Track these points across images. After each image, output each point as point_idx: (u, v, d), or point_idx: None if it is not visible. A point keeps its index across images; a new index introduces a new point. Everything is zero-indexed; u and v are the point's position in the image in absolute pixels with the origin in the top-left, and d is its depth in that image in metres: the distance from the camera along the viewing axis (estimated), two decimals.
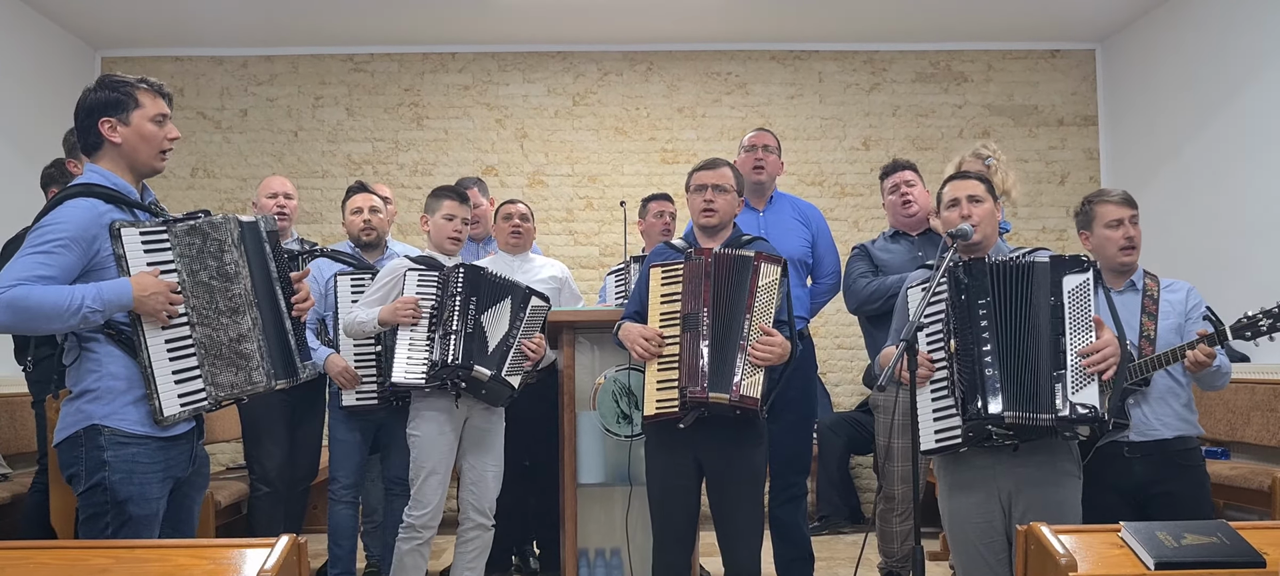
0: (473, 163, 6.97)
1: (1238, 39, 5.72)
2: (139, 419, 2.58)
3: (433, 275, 3.78)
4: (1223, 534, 2.30)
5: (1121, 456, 3.32)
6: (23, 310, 2.42)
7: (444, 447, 3.77)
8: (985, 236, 3.11)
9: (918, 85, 7.06)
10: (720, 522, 3.34)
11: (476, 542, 3.86)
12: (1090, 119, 7.05)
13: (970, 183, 3.16)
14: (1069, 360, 2.82)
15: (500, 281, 3.81)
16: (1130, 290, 3.42)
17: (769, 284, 3.23)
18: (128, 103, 2.67)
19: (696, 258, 3.31)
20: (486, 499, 3.86)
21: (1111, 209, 3.40)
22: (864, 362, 6.63)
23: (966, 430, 2.88)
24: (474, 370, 3.63)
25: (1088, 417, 2.77)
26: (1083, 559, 2.20)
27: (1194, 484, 3.33)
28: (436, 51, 7.01)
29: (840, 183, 7.03)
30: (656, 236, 4.69)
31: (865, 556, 4.70)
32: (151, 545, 2.28)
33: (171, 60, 6.94)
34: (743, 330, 3.20)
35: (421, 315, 3.72)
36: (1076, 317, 2.85)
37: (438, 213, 3.91)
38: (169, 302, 2.59)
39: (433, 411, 3.77)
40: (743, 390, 3.14)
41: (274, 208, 4.59)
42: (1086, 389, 2.78)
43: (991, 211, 3.12)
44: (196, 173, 6.89)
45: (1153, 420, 3.31)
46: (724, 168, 3.50)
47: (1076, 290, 2.87)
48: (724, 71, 7.05)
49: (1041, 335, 2.86)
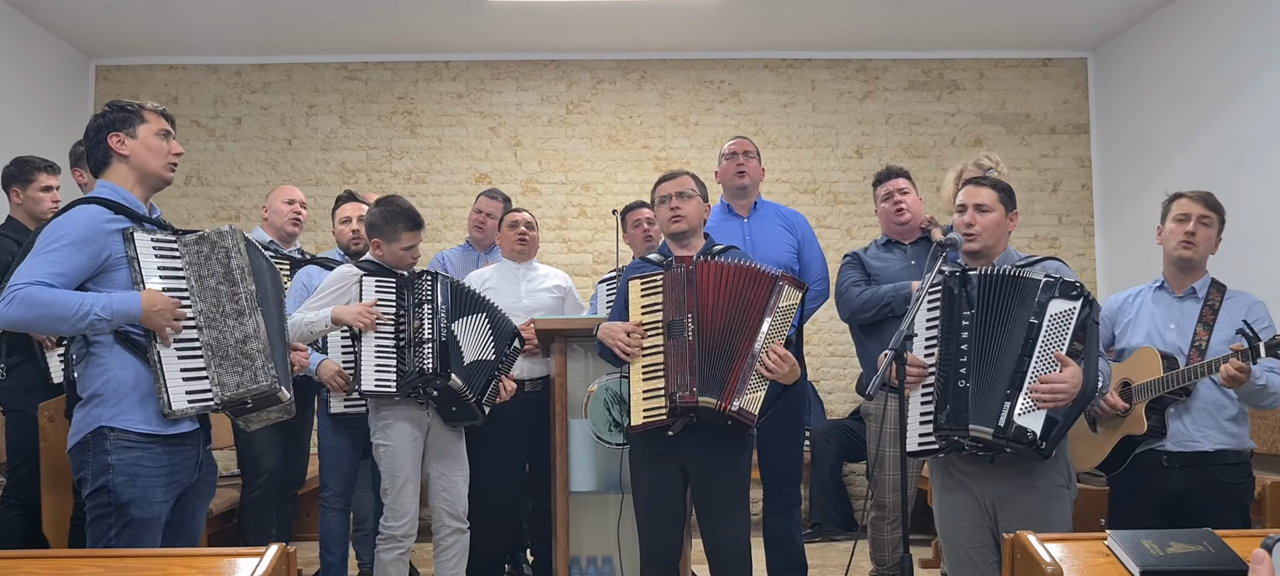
0: (466, 171, 6.98)
1: (1230, 47, 5.74)
2: (144, 419, 2.68)
3: (390, 281, 3.77)
4: (1208, 542, 2.30)
5: (1160, 466, 3.31)
6: (37, 307, 2.57)
7: (416, 454, 3.81)
8: (987, 246, 3.08)
9: (910, 93, 7.08)
10: (707, 531, 3.36)
11: (456, 547, 3.89)
12: (1082, 127, 7.08)
13: (981, 191, 3.11)
14: (1027, 382, 2.79)
15: (472, 295, 3.85)
16: (1191, 298, 3.41)
17: (789, 307, 3.24)
18: (134, 119, 2.83)
19: (677, 266, 3.33)
20: (460, 503, 3.89)
21: (1184, 204, 3.40)
22: (856, 370, 6.64)
23: (937, 437, 2.90)
24: (451, 380, 3.66)
25: (1021, 439, 2.77)
26: (1069, 567, 2.21)
27: (1231, 498, 3.29)
28: (430, 60, 7.02)
29: (833, 191, 7.05)
30: (640, 244, 4.70)
31: (857, 564, 4.71)
32: (142, 554, 2.28)
33: (166, 68, 6.95)
34: (753, 343, 3.20)
35: (382, 320, 3.71)
36: (1049, 343, 2.80)
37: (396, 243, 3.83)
38: (175, 319, 2.70)
39: (401, 421, 3.78)
40: (744, 404, 3.16)
41: (290, 213, 4.63)
42: (1032, 414, 2.77)
43: (999, 221, 3.08)
44: (191, 181, 6.89)
45: (1192, 431, 3.29)
46: (683, 176, 3.54)
47: (1059, 316, 2.81)
48: (717, 79, 7.07)
49: (1010, 350, 2.84)
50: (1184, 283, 3.40)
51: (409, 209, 3.85)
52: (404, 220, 3.81)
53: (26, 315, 2.58)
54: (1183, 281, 3.40)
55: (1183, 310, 3.36)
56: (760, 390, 3.18)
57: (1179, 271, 3.41)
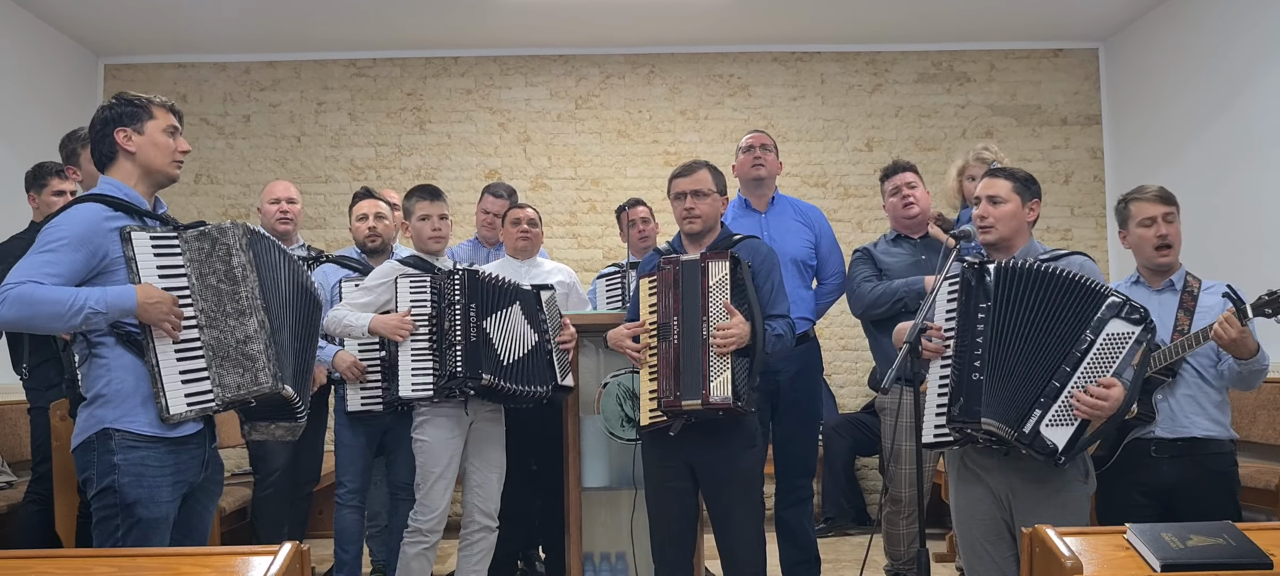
0: (475, 167, 6.97)
1: (1241, 37, 5.70)
2: (149, 420, 2.64)
3: (424, 280, 3.75)
4: (1229, 535, 2.28)
5: (1149, 456, 3.28)
6: (29, 305, 2.52)
7: (452, 452, 3.77)
8: (1004, 237, 3.04)
9: (920, 86, 7.05)
10: (718, 526, 3.36)
11: (481, 544, 3.86)
12: (1094, 118, 7.04)
13: (996, 182, 3.07)
14: (1064, 395, 2.76)
15: (501, 285, 3.78)
16: (1169, 290, 3.38)
17: (719, 282, 3.24)
18: (142, 114, 2.78)
19: (665, 266, 3.33)
20: (491, 501, 3.86)
21: (1145, 206, 3.35)
22: (869, 364, 6.62)
23: (949, 428, 2.87)
24: (483, 379, 3.62)
25: (1042, 449, 2.75)
26: (1088, 560, 2.19)
27: (1222, 488, 3.28)
28: (438, 56, 7.01)
29: (843, 184, 7.02)
30: (635, 242, 4.67)
31: (871, 558, 4.69)
32: (154, 553, 2.28)
33: (174, 66, 6.95)
34: (703, 332, 3.22)
35: (415, 330, 3.69)
36: (1100, 362, 2.75)
37: (413, 216, 3.90)
38: (174, 315, 2.66)
39: (440, 417, 3.76)
40: (712, 395, 3.16)
41: (277, 213, 4.58)
42: (1061, 428, 2.74)
43: (1015, 212, 3.04)
44: (200, 179, 6.90)
45: (1181, 417, 3.27)
46: (701, 171, 3.50)
47: (1115, 337, 2.76)
48: (726, 73, 7.05)
49: (1045, 353, 2.79)
50: (1160, 278, 3.39)
51: (424, 185, 3.97)
52: (417, 193, 3.92)
53: (20, 314, 2.53)
54: (1159, 278, 3.39)
55: (1161, 302, 3.34)
56: (724, 371, 3.18)
57: (1154, 271, 3.39)
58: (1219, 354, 3.27)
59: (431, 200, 3.89)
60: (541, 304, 3.83)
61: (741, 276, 3.29)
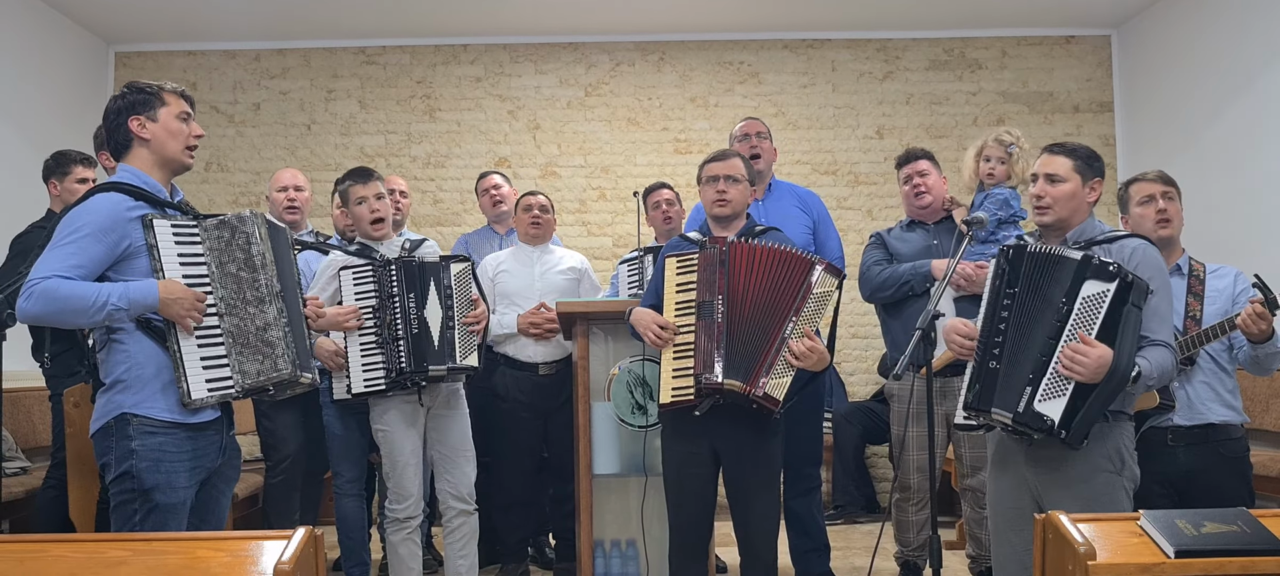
0: (485, 154, 6.97)
1: (1254, 24, 5.66)
2: (167, 406, 2.66)
3: (367, 270, 3.76)
4: (1243, 522, 2.27)
5: (1165, 444, 3.26)
6: (55, 301, 2.55)
7: (414, 437, 3.82)
8: (1061, 218, 2.85)
9: (931, 73, 7.02)
10: (737, 513, 3.35)
11: (463, 529, 3.89)
12: (1106, 105, 7.00)
13: (1055, 160, 2.86)
14: (1051, 368, 2.66)
15: (420, 269, 3.76)
16: (1176, 274, 3.37)
17: (823, 294, 3.21)
18: (154, 101, 2.78)
19: (711, 247, 3.31)
20: (464, 485, 3.89)
21: (1145, 186, 3.37)
22: (879, 352, 6.61)
23: (970, 415, 2.82)
24: (429, 371, 3.67)
25: (1038, 425, 2.66)
26: (1101, 547, 2.18)
27: (1237, 473, 3.27)
28: (448, 43, 7.00)
29: (854, 171, 7.00)
30: (660, 225, 4.68)
31: (881, 546, 4.69)
32: (169, 537, 2.28)
33: (185, 54, 6.96)
34: (783, 328, 3.17)
35: (362, 322, 3.71)
36: (1079, 327, 2.65)
37: (351, 201, 3.87)
38: (196, 310, 2.68)
39: (393, 410, 3.80)
40: (768, 388, 3.13)
41: (284, 201, 4.59)
42: (1053, 400, 2.66)
43: (1074, 192, 2.83)
44: (211, 166, 6.91)
45: (1197, 404, 3.26)
46: (735, 159, 3.52)
47: (1091, 299, 2.65)
48: (736, 61, 7.03)
49: (1039, 333, 2.72)
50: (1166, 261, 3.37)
51: (356, 168, 3.97)
52: (349, 177, 3.91)
53: (46, 309, 2.56)
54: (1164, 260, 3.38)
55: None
56: (787, 376, 3.15)
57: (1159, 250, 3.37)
58: (1231, 339, 3.26)
59: (364, 182, 3.86)
60: (444, 280, 3.78)
61: (837, 300, 3.24)
